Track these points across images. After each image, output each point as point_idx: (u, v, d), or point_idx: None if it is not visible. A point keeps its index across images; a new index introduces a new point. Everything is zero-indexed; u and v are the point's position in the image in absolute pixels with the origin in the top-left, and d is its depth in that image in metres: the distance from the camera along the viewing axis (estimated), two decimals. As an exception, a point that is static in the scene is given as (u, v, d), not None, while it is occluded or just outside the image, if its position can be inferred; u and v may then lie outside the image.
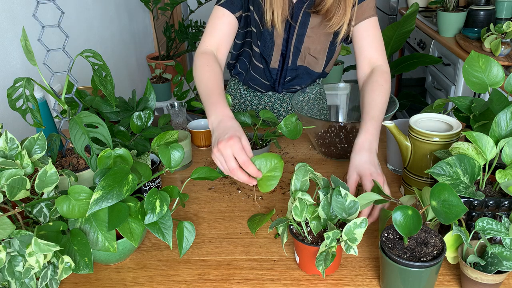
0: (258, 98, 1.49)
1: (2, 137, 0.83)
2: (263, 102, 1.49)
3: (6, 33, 1.41)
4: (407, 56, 2.68)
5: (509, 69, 1.97)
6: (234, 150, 0.88)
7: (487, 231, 0.75)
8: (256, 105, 1.50)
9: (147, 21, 3.07)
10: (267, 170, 0.89)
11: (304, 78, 1.39)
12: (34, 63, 0.88)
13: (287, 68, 1.35)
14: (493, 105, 0.94)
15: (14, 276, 0.72)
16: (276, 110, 1.50)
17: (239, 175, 0.88)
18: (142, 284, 0.84)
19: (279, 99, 1.48)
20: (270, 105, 1.49)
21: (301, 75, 1.38)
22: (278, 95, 1.47)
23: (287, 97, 1.48)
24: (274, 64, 1.34)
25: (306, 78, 1.39)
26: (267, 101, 1.48)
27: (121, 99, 1.18)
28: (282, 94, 1.47)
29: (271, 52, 1.31)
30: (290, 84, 1.41)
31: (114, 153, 0.85)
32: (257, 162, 0.89)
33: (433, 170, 0.80)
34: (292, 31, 1.26)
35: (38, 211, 0.80)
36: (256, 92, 1.49)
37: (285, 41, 1.29)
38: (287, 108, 1.49)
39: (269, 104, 1.49)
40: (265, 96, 1.48)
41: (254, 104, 1.51)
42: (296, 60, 1.33)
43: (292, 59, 1.33)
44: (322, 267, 0.74)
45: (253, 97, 1.50)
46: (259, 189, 0.89)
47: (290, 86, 1.42)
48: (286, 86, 1.42)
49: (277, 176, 0.88)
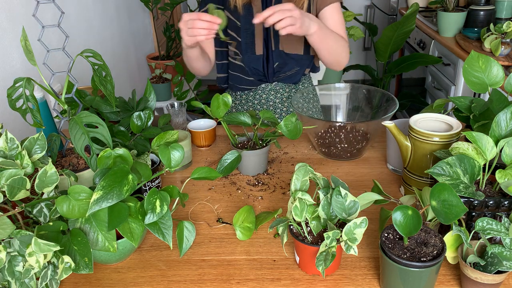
0: (253, 94, 1.53)
1: (2, 137, 0.83)
2: (258, 96, 1.53)
3: (6, 33, 1.41)
4: (407, 56, 2.68)
5: (509, 69, 1.97)
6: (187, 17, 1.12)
7: (487, 231, 0.75)
8: (251, 101, 1.54)
9: (147, 21, 3.07)
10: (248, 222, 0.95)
11: (291, 64, 1.44)
12: (34, 63, 0.88)
13: (272, 53, 1.42)
14: (493, 105, 0.94)
15: (14, 276, 0.72)
16: (272, 102, 1.53)
17: (199, 23, 1.10)
18: (142, 284, 0.84)
19: (273, 90, 1.52)
20: (265, 98, 1.53)
21: (287, 60, 1.44)
22: (271, 86, 1.51)
23: (280, 87, 1.52)
24: (259, 51, 1.41)
25: (292, 64, 1.45)
26: (261, 94, 1.52)
27: (121, 99, 1.18)
28: (274, 84, 1.51)
29: (253, 39, 1.39)
30: (279, 72, 1.46)
31: (114, 153, 0.85)
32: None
33: (433, 170, 0.80)
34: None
35: (38, 211, 0.80)
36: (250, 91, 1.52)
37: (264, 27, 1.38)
38: (282, 99, 1.53)
39: (263, 97, 1.53)
40: (259, 90, 1.52)
41: (250, 101, 1.54)
42: (278, 44, 1.41)
43: (275, 43, 1.40)
44: (322, 267, 0.74)
45: (247, 95, 1.53)
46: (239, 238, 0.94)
47: (281, 74, 1.47)
48: (277, 75, 1.47)
49: (252, 228, 0.94)
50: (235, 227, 0.93)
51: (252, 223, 0.93)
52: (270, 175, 1.19)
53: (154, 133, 1.09)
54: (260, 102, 1.53)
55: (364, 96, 1.37)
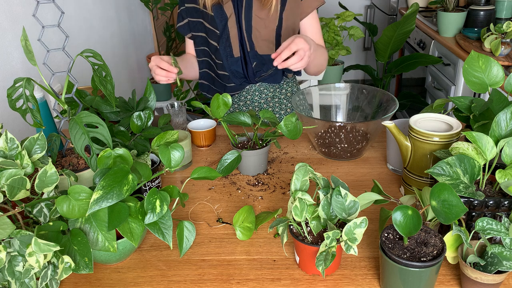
0: (238, 96, 1.56)
1: (2, 137, 0.83)
2: (243, 98, 1.56)
3: (6, 33, 1.41)
4: (407, 56, 2.68)
5: (509, 69, 1.97)
6: (153, 62, 1.25)
7: (487, 231, 0.75)
8: (237, 103, 1.57)
9: (147, 21, 3.07)
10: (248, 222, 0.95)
11: (268, 64, 1.47)
12: (34, 63, 0.88)
13: (249, 54, 1.45)
14: (493, 105, 0.94)
15: (14, 276, 0.72)
16: (257, 103, 1.56)
17: (157, 70, 1.23)
18: (142, 284, 0.84)
19: (257, 90, 1.55)
20: (250, 99, 1.55)
21: (265, 61, 1.47)
22: (256, 87, 1.54)
23: (264, 88, 1.55)
24: (237, 53, 1.45)
25: (269, 64, 1.47)
26: (246, 95, 1.55)
27: (121, 99, 1.18)
28: (258, 85, 1.54)
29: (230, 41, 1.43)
30: (260, 71, 1.49)
31: (114, 153, 0.85)
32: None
33: (433, 170, 0.80)
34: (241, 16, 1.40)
35: (38, 211, 0.80)
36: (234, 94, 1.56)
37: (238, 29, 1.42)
38: (267, 99, 1.56)
39: (248, 98, 1.55)
40: (244, 92, 1.55)
41: (235, 103, 1.58)
42: (253, 46, 1.44)
43: (249, 45, 1.44)
44: (322, 267, 0.74)
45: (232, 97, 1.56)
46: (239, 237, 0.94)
47: (262, 73, 1.50)
48: (257, 75, 1.50)
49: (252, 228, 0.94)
50: (235, 227, 0.93)
51: (252, 223, 0.93)
52: (270, 175, 1.19)
53: (154, 133, 1.09)
54: (246, 104, 1.56)
55: (364, 96, 1.37)
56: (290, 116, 1.09)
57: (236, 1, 1.39)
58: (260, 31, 1.41)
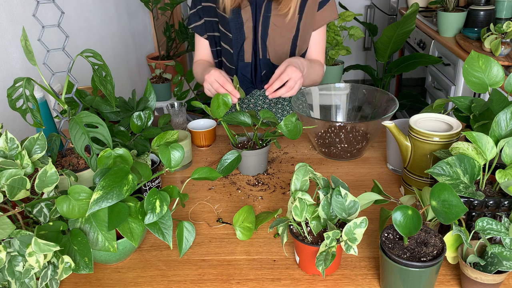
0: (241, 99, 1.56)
1: (2, 137, 0.83)
2: (246, 101, 1.57)
3: (6, 33, 1.41)
4: (407, 56, 2.68)
5: (509, 69, 1.97)
6: (215, 76, 1.19)
7: (487, 231, 0.75)
8: (240, 105, 1.57)
9: (147, 21, 3.07)
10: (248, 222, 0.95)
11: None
12: (34, 63, 0.88)
13: (259, 61, 1.46)
14: (493, 105, 0.94)
15: (14, 276, 0.72)
16: (260, 107, 1.56)
17: (221, 89, 1.18)
18: (142, 284, 0.84)
19: (261, 95, 1.55)
20: (253, 102, 1.56)
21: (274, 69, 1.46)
22: (260, 92, 1.55)
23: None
24: (248, 58, 1.45)
25: None
26: (250, 98, 1.56)
27: (121, 99, 1.18)
28: (263, 90, 1.55)
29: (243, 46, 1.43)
30: (267, 80, 1.48)
31: (114, 153, 0.85)
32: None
33: (433, 170, 0.80)
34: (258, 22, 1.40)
35: (38, 211, 0.80)
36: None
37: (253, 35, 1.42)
38: (270, 104, 1.57)
39: (252, 101, 1.56)
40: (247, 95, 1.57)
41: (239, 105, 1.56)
42: (265, 53, 1.44)
43: (262, 52, 1.44)
44: (322, 267, 0.74)
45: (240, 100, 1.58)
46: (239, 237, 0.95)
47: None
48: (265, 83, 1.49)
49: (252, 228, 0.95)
50: (235, 227, 0.93)
51: (252, 223, 0.93)
52: (270, 175, 1.19)
53: (154, 133, 1.09)
54: (248, 107, 1.57)
55: (364, 96, 1.37)
56: (290, 116, 1.09)
57: (255, 7, 1.39)
58: (275, 40, 1.42)
